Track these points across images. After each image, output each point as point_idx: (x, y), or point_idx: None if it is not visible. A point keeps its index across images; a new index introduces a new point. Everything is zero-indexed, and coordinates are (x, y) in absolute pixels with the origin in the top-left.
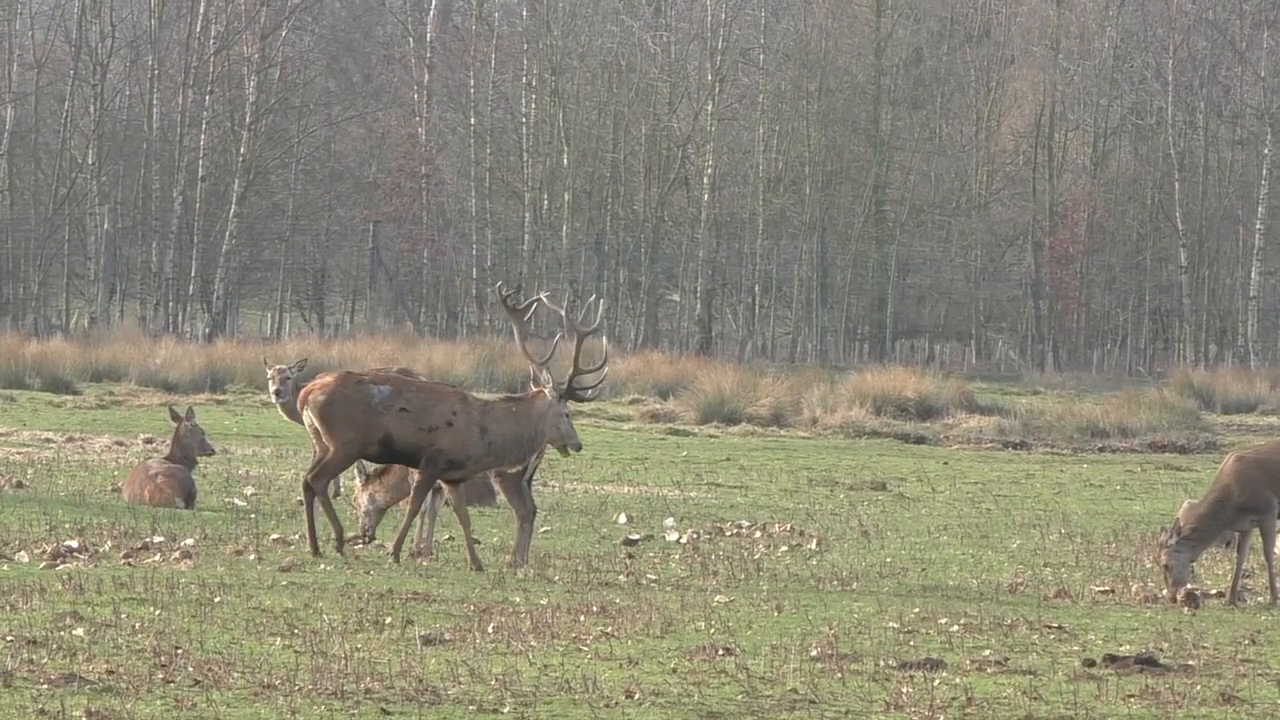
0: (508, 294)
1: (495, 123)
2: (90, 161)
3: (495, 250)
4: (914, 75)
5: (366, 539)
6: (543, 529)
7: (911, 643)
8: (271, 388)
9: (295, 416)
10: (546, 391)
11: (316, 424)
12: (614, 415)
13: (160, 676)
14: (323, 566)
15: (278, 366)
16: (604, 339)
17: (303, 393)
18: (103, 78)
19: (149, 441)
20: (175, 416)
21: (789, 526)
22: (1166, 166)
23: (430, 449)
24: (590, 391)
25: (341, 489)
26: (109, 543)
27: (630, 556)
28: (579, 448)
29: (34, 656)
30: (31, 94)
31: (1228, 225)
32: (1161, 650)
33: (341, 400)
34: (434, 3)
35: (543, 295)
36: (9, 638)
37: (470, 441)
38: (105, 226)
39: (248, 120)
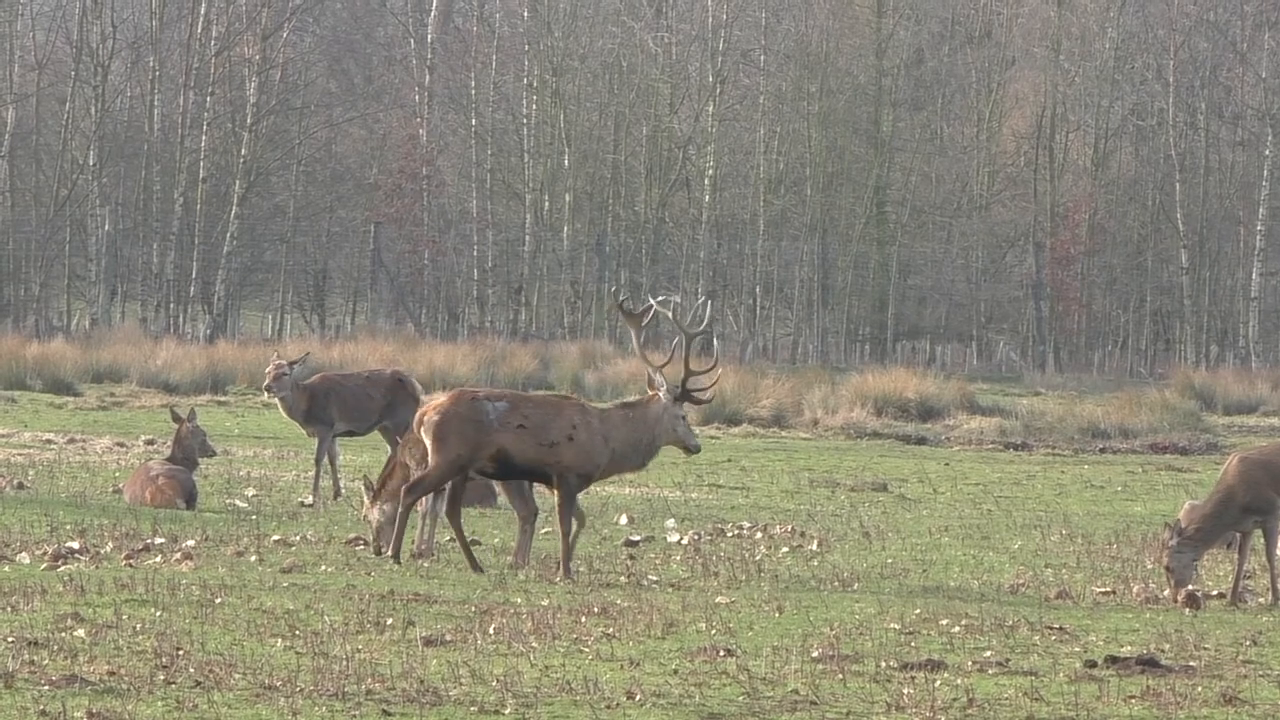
0: (622, 299)
1: (496, 124)
2: (91, 163)
3: (496, 251)
4: (915, 76)
5: (380, 551)
6: (544, 530)
7: (913, 644)
8: (265, 383)
9: (294, 413)
10: (661, 395)
11: (429, 443)
12: None
13: (161, 678)
14: (324, 568)
15: (277, 361)
16: (714, 340)
17: (419, 414)
18: (104, 79)
19: (150, 443)
20: (176, 418)
21: (790, 528)
22: (1167, 167)
23: (556, 465)
24: (707, 393)
25: (343, 491)
26: (110, 544)
27: (631, 558)
28: (698, 449)
29: (35, 658)
30: (32, 95)
31: (1229, 226)
32: (1163, 651)
33: (455, 418)
34: (435, 4)
35: (654, 300)
36: (10, 639)
37: (596, 451)
38: (106, 228)
39: (249, 121)
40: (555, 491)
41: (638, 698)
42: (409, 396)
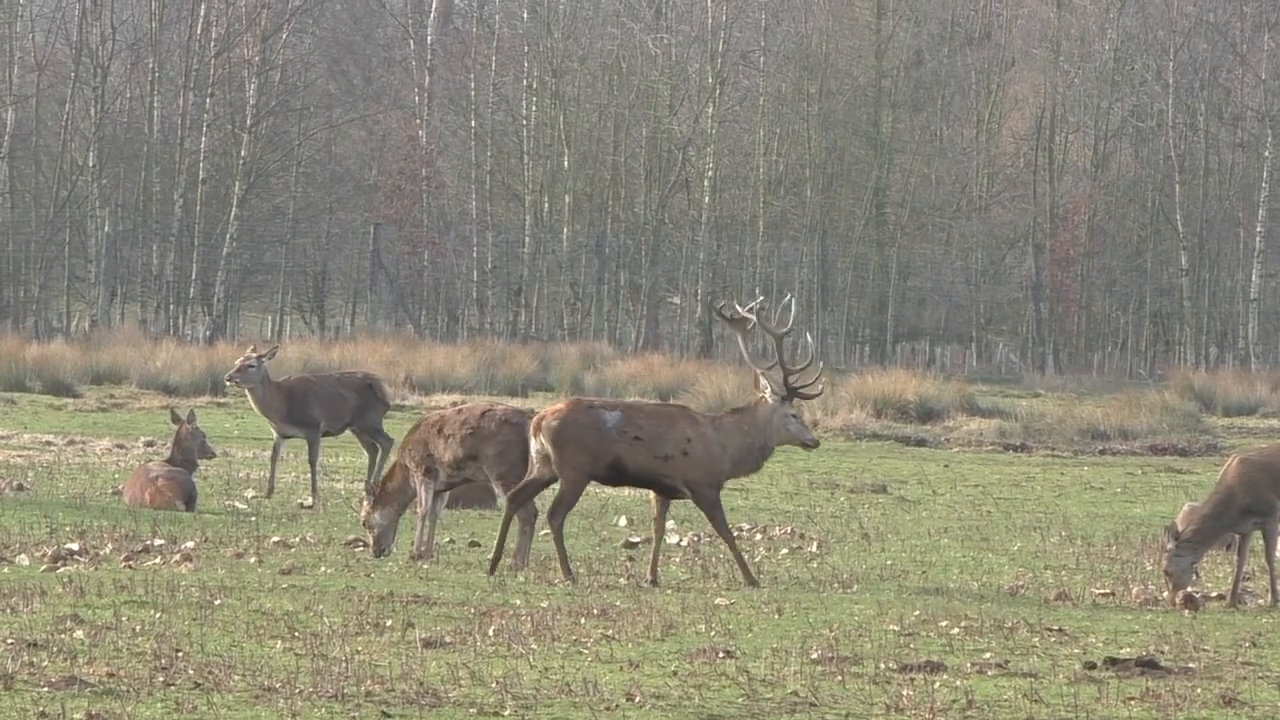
0: (722, 304)
1: (496, 125)
2: (91, 164)
3: (496, 253)
4: (914, 78)
5: (381, 555)
6: (543, 532)
7: (912, 645)
8: (228, 374)
9: (269, 411)
10: (767, 396)
11: (549, 449)
12: None
13: (161, 679)
14: (323, 570)
15: (248, 352)
16: (807, 335)
17: (535, 420)
18: (103, 80)
19: (150, 444)
20: (176, 419)
21: (790, 529)
22: (1167, 169)
23: (678, 477)
24: (815, 387)
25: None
26: (110, 545)
27: (631, 559)
28: (815, 444)
29: (34, 659)
30: (32, 96)
31: (1228, 228)
32: (1162, 653)
33: (574, 426)
34: (435, 5)
35: (753, 304)
36: (9, 640)
37: (716, 460)
38: (106, 229)
39: (248, 123)
40: (700, 507)
41: (637, 699)
42: (377, 399)
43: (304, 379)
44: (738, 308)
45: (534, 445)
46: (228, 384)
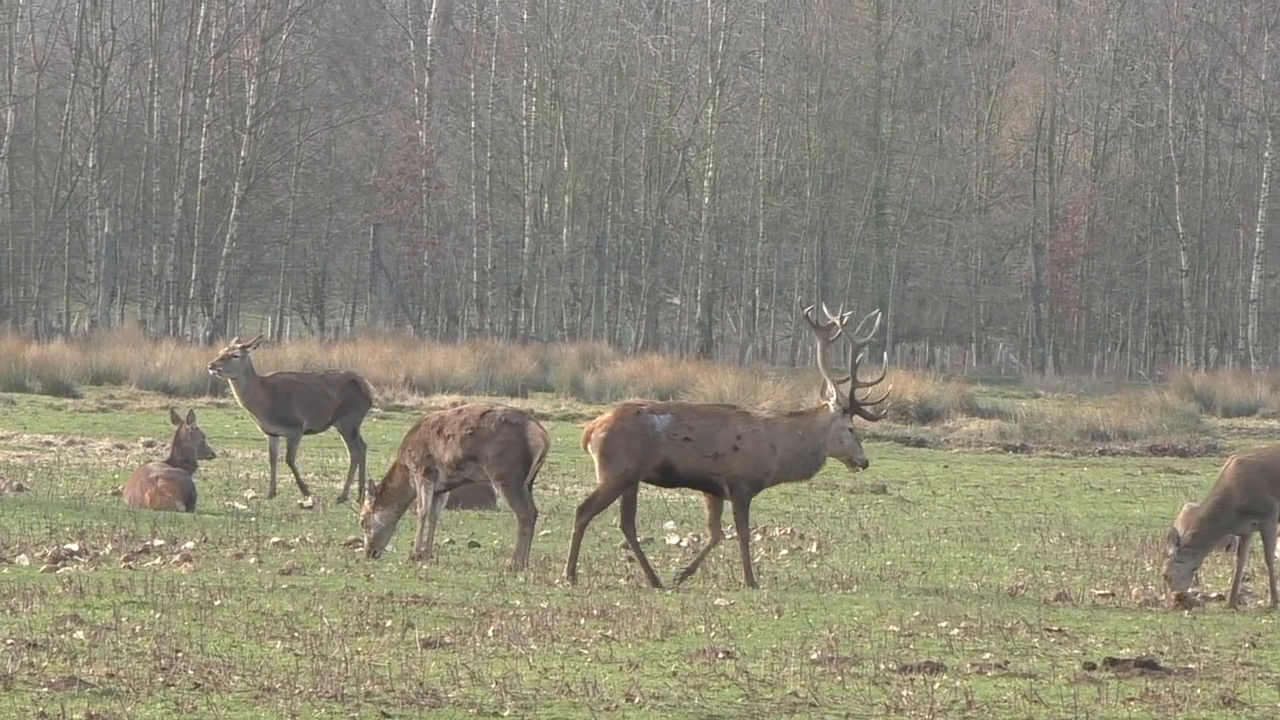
0: (808, 309)
1: (496, 126)
2: (91, 164)
3: (496, 253)
4: (914, 78)
5: (374, 554)
6: (543, 532)
7: (912, 646)
8: (210, 362)
9: (252, 405)
10: (830, 405)
11: (595, 459)
12: None
13: (160, 680)
14: (323, 570)
15: (233, 343)
16: (884, 354)
17: (586, 431)
18: (103, 81)
19: (149, 445)
20: (176, 420)
21: (789, 530)
22: (1167, 170)
23: (724, 475)
24: (878, 407)
25: (349, 495)
26: (109, 546)
27: (631, 560)
28: (865, 464)
29: (34, 659)
30: (32, 97)
31: (1228, 228)
32: (1162, 653)
33: (622, 433)
34: (434, 6)
35: (842, 315)
36: (9, 641)
37: (764, 459)
38: (106, 229)
39: (248, 123)
40: (731, 501)
41: (637, 700)
42: (361, 397)
43: (288, 377)
44: (825, 313)
45: (590, 453)
46: (210, 372)
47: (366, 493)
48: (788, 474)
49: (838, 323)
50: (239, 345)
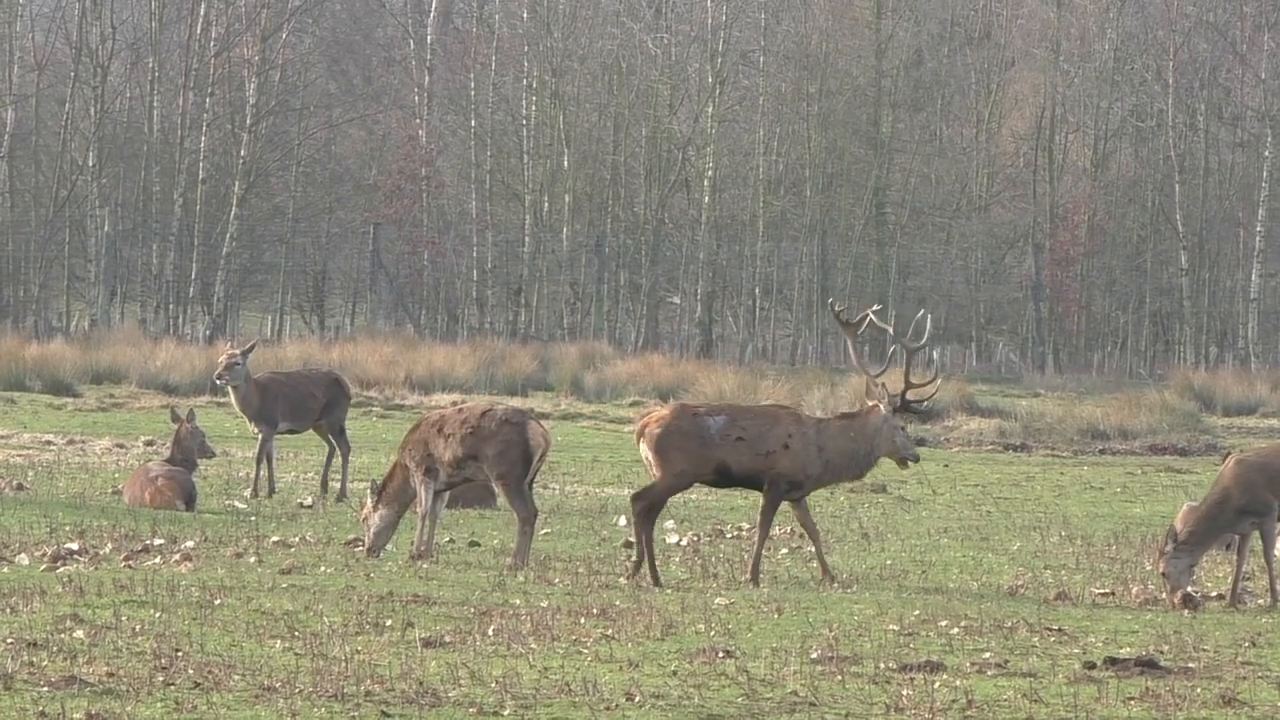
0: (840, 309)
1: (496, 125)
2: (91, 164)
3: (496, 252)
4: (914, 77)
5: (373, 553)
6: (543, 531)
7: (912, 645)
8: (216, 372)
9: (247, 407)
10: (881, 406)
11: (650, 456)
12: (614, 418)
13: (160, 679)
14: (323, 569)
15: (230, 350)
16: (934, 353)
17: (639, 425)
18: (103, 80)
19: (150, 444)
20: (176, 419)
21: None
22: (1167, 169)
23: (770, 473)
24: (925, 405)
25: (346, 496)
26: (109, 545)
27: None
28: (916, 459)
29: (34, 659)
30: (32, 96)
31: (1228, 227)
32: (1162, 653)
33: (677, 433)
34: (434, 5)
35: (872, 310)
36: (9, 640)
37: (809, 461)
38: (106, 229)
39: (248, 122)
40: (764, 496)
41: (637, 699)
42: (343, 395)
43: (275, 377)
44: (873, 319)
45: (641, 451)
46: (219, 383)
47: (369, 491)
48: (837, 475)
49: (884, 323)
50: (239, 352)
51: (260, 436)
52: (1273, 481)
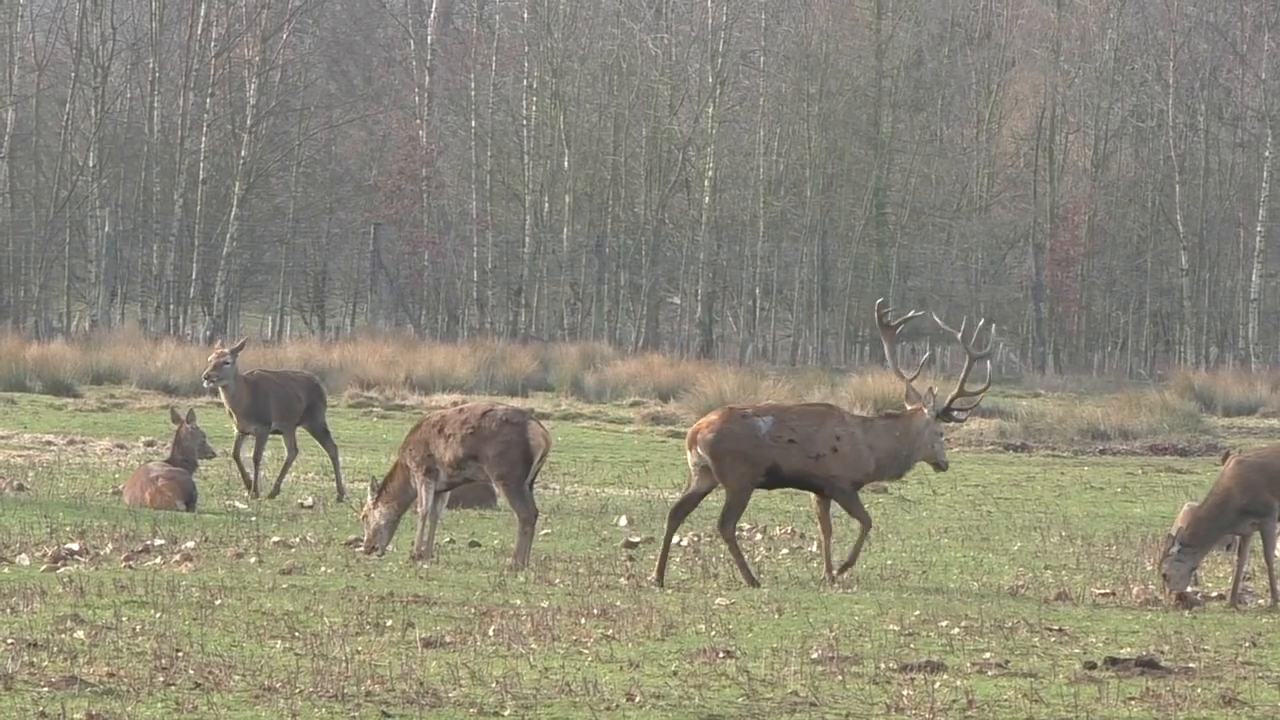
0: (886, 310)
1: (496, 125)
2: (91, 164)
3: (496, 253)
4: (915, 78)
5: (373, 552)
6: (544, 532)
7: (912, 645)
8: (204, 372)
9: (238, 406)
10: (925, 410)
11: (708, 461)
12: (615, 418)
13: (161, 679)
14: (323, 570)
15: (219, 350)
16: (987, 364)
17: (691, 431)
18: (104, 80)
19: (150, 444)
20: (176, 419)
21: (790, 529)
22: (1167, 169)
23: (823, 476)
24: (964, 414)
25: (345, 494)
26: (110, 545)
27: (631, 559)
28: (946, 466)
29: (34, 659)
30: (32, 96)
31: (1229, 228)
32: (1162, 653)
33: (730, 436)
34: (435, 5)
35: (914, 313)
36: (10, 640)
37: (862, 459)
38: (106, 229)
39: (248, 123)
40: (835, 500)
41: (637, 699)
42: (320, 399)
43: (263, 375)
44: (939, 323)
45: (690, 457)
46: (206, 384)
47: (369, 490)
48: (882, 473)
49: (951, 328)
50: (228, 351)
51: (254, 438)
52: (1273, 482)
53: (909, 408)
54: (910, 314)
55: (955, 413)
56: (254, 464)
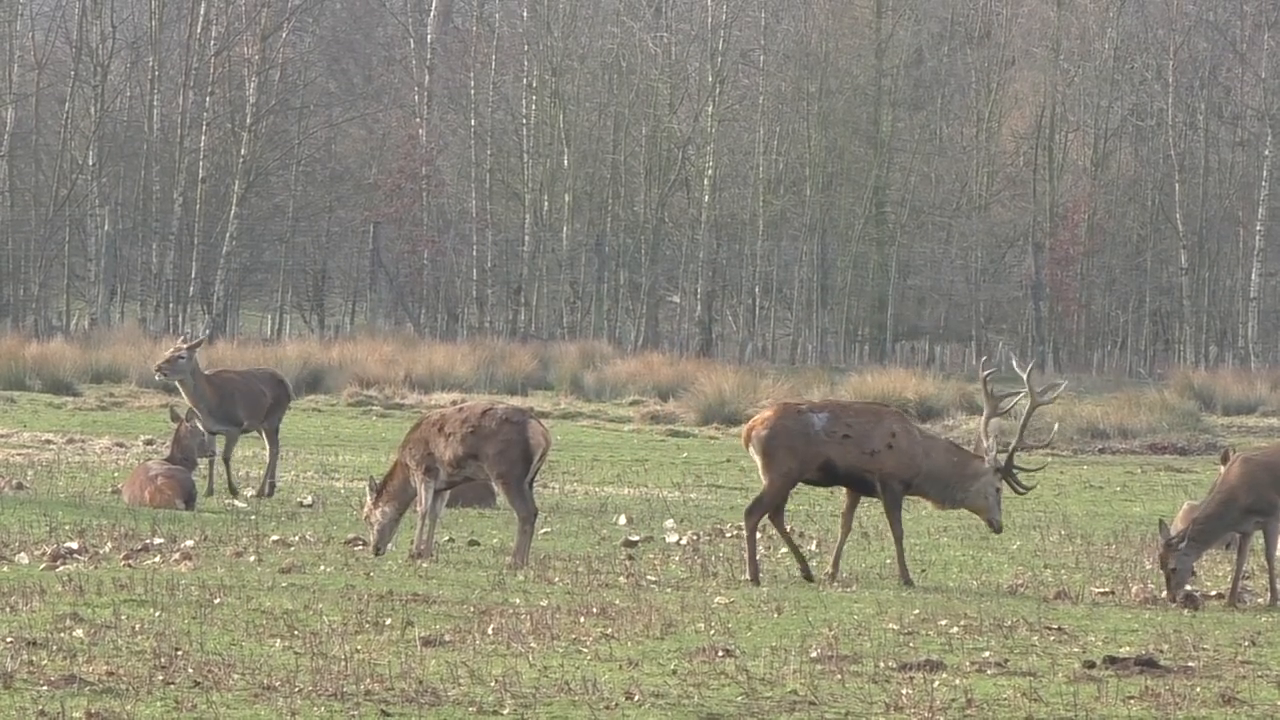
0: (988, 374)
1: (496, 124)
2: (91, 163)
3: (495, 252)
4: (914, 76)
5: (379, 552)
6: (543, 530)
7: (911, 644)
8: (155, 364)
9: (200, 402)
10: (987, 460)
11: (758, 458)
12: (614, 417)
13: (160, 678)
14: (322, 568)
15: (176, 345)
16: (1056, 426)
17: (746, 429)
18: (103, 79)
19: (149, 443)
20: (175, 418)
21: (789, 528)
22: (1167, 168)
23: (877, 472)
24: (1024, 488)
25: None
26: (109, 544)
27: (630, 558)
28: (999, 529)
29: (34, 658)
30: (32, 95)
31: (1228, 227)
32: (1161, 652)
33: (783, 432)
34: (434, 4)
35: (1014, 362)
36: (9, 639)
37: (916, 458)
38: (106, 228)
39: (248, 121)
40: (882, 498)
41: (636, 698)
42: (285, 395)
43: (230, 375)
44: (1015, 365)
45: (751, 454)
46: (157, 376)
47: (368, 489)
48: (926, 488)
49: (1020, 369)
50: (184, 346)
51: (225, 438)
52: (1278, 481)
53: (976, 450)
54: (1018, 396)
55: (1016, 472)
56: (226, 461)
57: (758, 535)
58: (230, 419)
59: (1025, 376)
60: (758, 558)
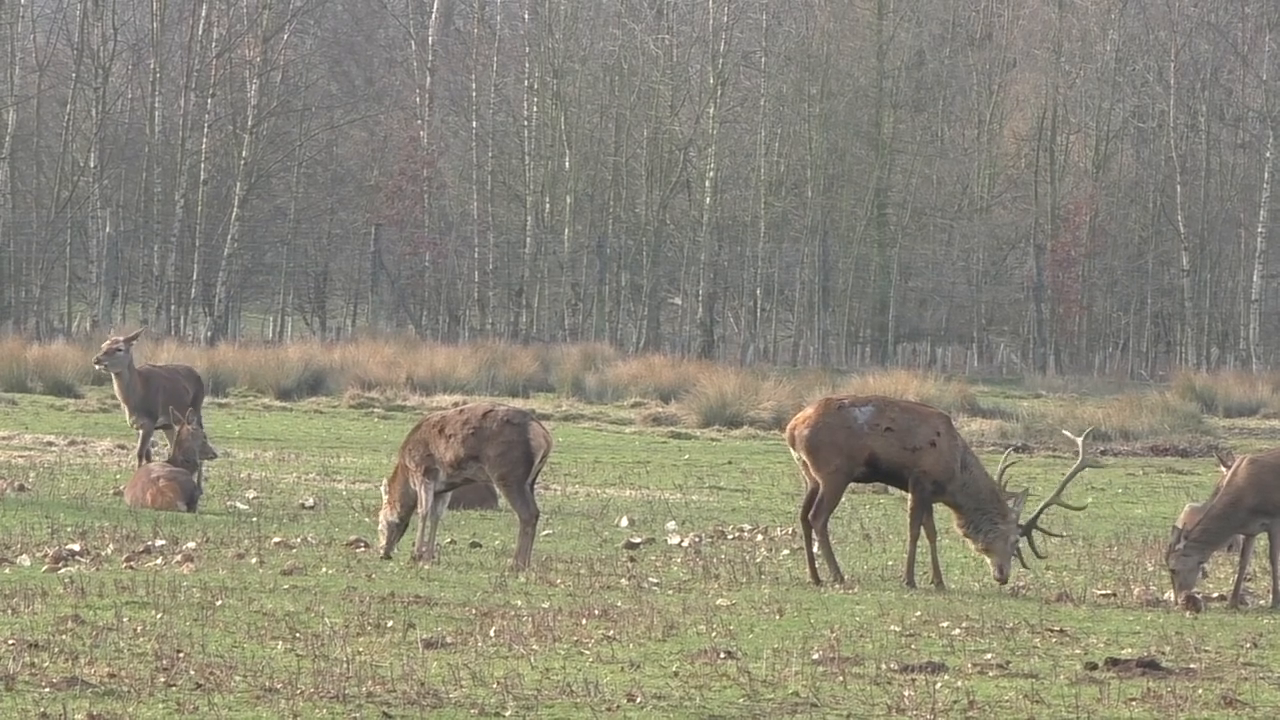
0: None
1: (497, 126)
2: (92, 165)
3: (497, 253)
4: (916, 78)
5: (389, 555)
6: (545, 532)
7: (913, 646)
8: (95, 356)
9: (131, 396)
10: (1012, 514)
11: (805, 457)
12: (616, 418)
13: (162, 680)
14: (324, 570)
15: (114, 338)
16: (1089, 500)
17: (789, 428)
18: (104, 81)
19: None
20: (177, 419)
21: (791, 530)
22: (1168, 170)
23: (915, 469)
24: (1041, 556)
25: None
26: (111, 546)
27: (632, 560)
28: (1004, 581)
29: (35, 660)
30: (34, 97)
31: (1230, 228)
32: (1163, 653)
33: (826, 429)
34: (436, 6)
35: (1070, 433)
36: (11, 641)
37: (954, 462)
38: (107, 230)
39: (249, 123)
40: (910, 495)
41: (638, 700)
42: (201, 392)
43: (156, 370)
44: (1068, 435)
45: (794, 455)
46: (96, 367)
47: (384, 491)
48: (958, 498)
49: (1075, 435)
50: (122, 339)
51: (140, 431)
52: None
53: (1010, 494)
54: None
55: (1036, 531)
56: (140, 456)
57: (757, 537)
58: (152, 412)
59: (1079, 441)
60: (750, 560)
